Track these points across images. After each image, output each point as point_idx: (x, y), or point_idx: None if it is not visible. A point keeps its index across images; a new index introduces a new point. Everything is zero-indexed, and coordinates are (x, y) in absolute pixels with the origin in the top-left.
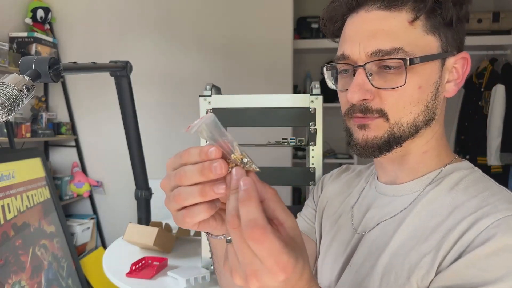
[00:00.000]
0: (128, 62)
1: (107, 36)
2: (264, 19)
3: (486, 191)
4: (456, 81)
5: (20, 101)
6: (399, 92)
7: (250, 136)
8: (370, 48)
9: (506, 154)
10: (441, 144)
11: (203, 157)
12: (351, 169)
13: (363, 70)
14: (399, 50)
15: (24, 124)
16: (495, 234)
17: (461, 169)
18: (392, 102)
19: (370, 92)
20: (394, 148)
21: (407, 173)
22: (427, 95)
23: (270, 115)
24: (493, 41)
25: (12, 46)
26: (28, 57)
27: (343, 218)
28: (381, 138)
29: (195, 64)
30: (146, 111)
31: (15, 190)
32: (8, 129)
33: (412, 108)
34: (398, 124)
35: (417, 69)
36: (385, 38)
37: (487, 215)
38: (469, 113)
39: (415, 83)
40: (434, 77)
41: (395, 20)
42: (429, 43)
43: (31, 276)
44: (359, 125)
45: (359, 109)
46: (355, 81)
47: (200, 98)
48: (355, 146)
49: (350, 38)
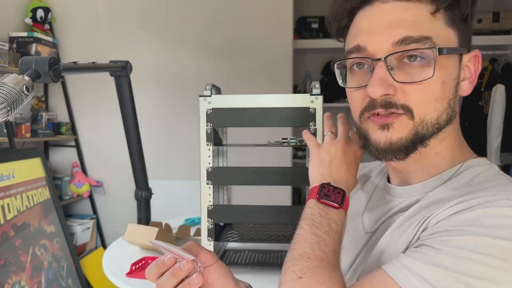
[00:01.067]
0: (128, 62)
1: (107, 36)
2: (264, 19)
3: (497, 186)
4: (470, 80)
5: (20, 101)
6: (424, 86)
7: (250, 136)
8: (397, 36)
9: (506, 154)
10: (456, 144)
11: (168, 266)
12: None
13: (383, 64)
14: (428, 40)
15: (24, 124)
16: (473, 206)
17: (474, 166)
18: (418, 97)
19: (393, 87)
20: (419, 148)
21: (419, 174)
22: (449, 92)
23: (270, 115)
24: (493, 41)
25: (12, 46)
26: (28, 57)
27: (353, 223)
28: (406, 139)
29: (196, 64)
30: (146, 111)
31: (15, 190)
32: (8, 129)
33: (436, 104)
34: (423, 122)
35: (442, 63)
36: (411, 26)
37: (475, 197)
38: (469, 113)
39: (440, 77)
40: (455, 73)
41: (418, 10)
42: (451, 37)
43: (31, 276)
44: (381, 125)
45: (381, 104)
46: (376, 75)
47: (200, 98)
48: (376, 150)
49: (366, 30)
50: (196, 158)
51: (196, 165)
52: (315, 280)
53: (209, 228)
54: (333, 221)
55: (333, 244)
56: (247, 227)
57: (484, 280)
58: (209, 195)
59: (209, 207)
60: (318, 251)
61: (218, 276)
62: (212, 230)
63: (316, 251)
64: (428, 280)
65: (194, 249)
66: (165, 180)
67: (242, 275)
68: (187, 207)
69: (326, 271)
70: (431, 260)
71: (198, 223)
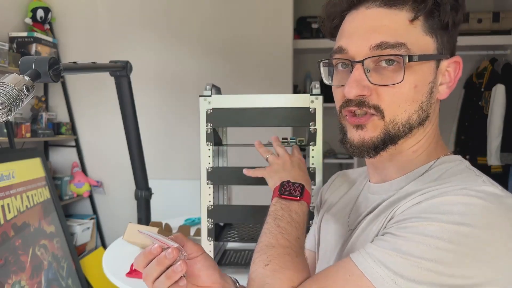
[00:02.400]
0: (128, 62)
1: (107, 36)
2: (264, 19)
3: (460, 179)
4: (449, 84)
5: (20, 101)
6: (396, 89)
7: (250, 136)
8: (374, 41)
9: (506, 154)
10: (432, 143)
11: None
12: (345, 175)
13: (361, 66)
14: (402, 46)
15: (24, 124)
16: (438, 193)
17: (445, 163)
18: (389, 99)
19: (367, 88)
20: (389, 146)
21: (395, 170)
22: (422, 95)
23: (270, 115)
24: (493, 41)
25: (12, 46)
26: (28, 57)
27: (341, 222)
28: (377, 138)
29: (195, 64)
30: (146, 111)
31: (15, 190)
32: (8, 129)
33: (407, 106)
34: (393, 122)
35: (415, 68)
36: (388, 32)
37: (437, 188)
38: (469, 113)
39: (412, 81)
40: (429, 77)
41: (397, 17)
42: (427, 44)
43: (31, 276)
44: (355, 125)
45: (355, 103)
46: (352, 77)
47: (200, 98)
48: (350, 147)
49: (349, 32)
50: (196, 158)
51: (196, 165)
52: (279, 266)
53: (209, 228)
54: (295, 212)
55: (295, 232)
56: (247, 227)
57: (434, 261)
58: (209, 195)
59: (209, 207)
60: (282, 240)
61: (204, 268)
62: (212, 230)
63: (280, 240)
64: (386, 264)
65: (180, 240)
66: (165, 180)
67: (242, 275)
68: (187, 207)
69: (289, 257)
70: (391, 246)
71: (198, 223)
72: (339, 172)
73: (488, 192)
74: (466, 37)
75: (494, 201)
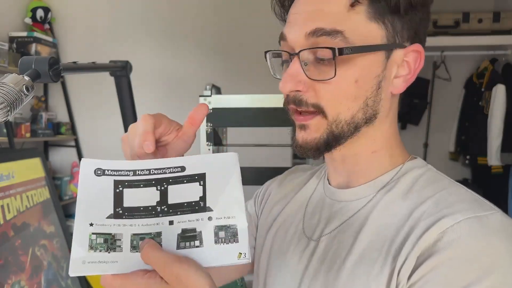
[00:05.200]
0: (128, 62)
1: (107, 36)
2: (264, 19)
3: (443, 190)
4: (407, 77)
5: (19, 101)
6: (333, 85)
7: (250, 136)
8: (309, 27)
9: (506, 154)
10: (393, 144)
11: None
12: (299, 170)
13: (297, 59)
14: (338, 34)
15: (24, 124)
16: (458, 238)
17: (414, 169)
18: (328, 96)
19: (303, 83)
20: (334, 147)
21: (359, 176)
22: (365, 91)
23: (270, 115)
24: (494, 41)
25: (11, 46)
26: (27, 57)
27: (293, 229)
28: (320, 139)
29: (195, 64)
30: (146, 111)
31: (14, 190)
32: (7, 129)
33: (349, 104)
34: (336, 121)
35: (354, 61)
36: (325, 18)
37: (445, 216)
38: (470, 113)
39: (351, 76)
40: (375, 71)
41: (337, 1)
42: (372, 32)
43: (31, 276)
44: (299, 124)
45: (292, 100)
46: (288, 70)
47: (200, 98)
48: (296, 147)
49: (290, 19)
50: None
51: None
52: None
53: None
54: None
55: None
56: None
57: None
58: None
59: None
60: None
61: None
62: None
63: None
64: None
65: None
66: None
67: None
68: None
69: None
70: None
71: None
72: (292, 168)
73: (502, 222)
74: (466, 37)
75: (511, 231)
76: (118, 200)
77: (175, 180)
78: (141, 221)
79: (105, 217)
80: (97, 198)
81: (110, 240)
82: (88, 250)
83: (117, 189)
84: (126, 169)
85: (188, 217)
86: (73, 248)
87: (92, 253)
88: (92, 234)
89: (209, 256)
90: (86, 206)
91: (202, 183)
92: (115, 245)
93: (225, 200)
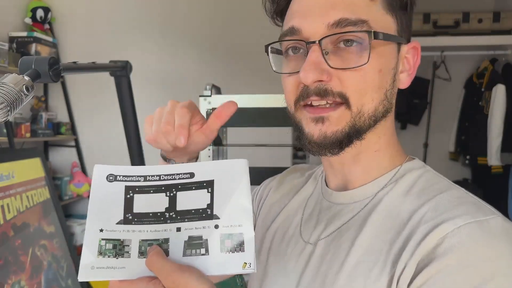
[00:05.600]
0: (128, 62)
1: (107, 36)
2: (264, 19)
3: (442, 193)
4: (409, 72)
5: (19, 101)
6: (361, 74)
7: (250, 136)
8: (332, 17)
9: (506, 154)
10: (393, 142)
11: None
12: (298, 170)
13: (318, 47)
14: (364, 23)
15: (24, 124)
16: (458, 244)
17: (413, 170)
18: (354, 85)
19: (327, 72)
20: (355, 141)
21: (358, 176)
22: (386, 82)
23: (270, 115)
24: (494, 41)
25: (11, 46)
26: (27, 57)
27: (291, 231)
28: (342, 132)
29: (195, 64)
30: (146, 111)
31: (14, 190)
32: (7, 129)
33: (374, 94)
34: (360, 113)
35: (378, 50)
36: (348, 8)
37: (445, 221)
38: (470, 113)
39: (377, 65)
40: (392, 62)
41: None
42: (389, 23)
43: (31, 276)
44: (315, 117)
45: (315, 92)
46: (309, 58)
47: (200, 98)
48: (309, 144)
49: (301, 11)
50: None
51: None
52: None
53: None
54: None
55: None
56: None
57: None
58: None
59: None
60: None
61: None
62: None
63: None
64: None
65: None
66: None
67: None
68: None
69: None
70: None
71: None
72: (291, 167)
73: (503, 227)
74: (466, 37)
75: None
76: (128, 205)
77: (184, 186)
78: (150, 227)
79: (115, 222)
80: (108, 203)
81: (119, 246)
82: (97, 255)
83: (127, 194)
84: (137, 175)
85: (195, 225)
86: (83, 254)
87: (101, 259)
88: (101, 240)
89: (214, 265)
90: (97, 212)
91: (210, 190)
92: (123, 251)
93: (232, 208)
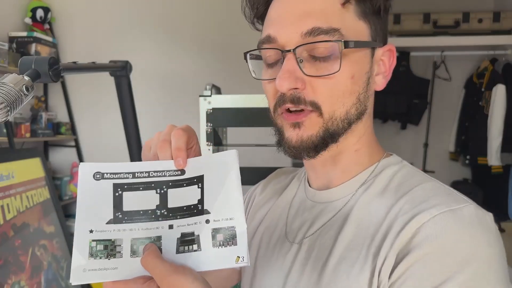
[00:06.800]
0: (128, 62)
1: (107, 36)
2: None
3: (417, 186)
4: (384, 74)
5: (19, 101)
6: (333, 81)
7: (250, 136)
8: (305, 27)
9: (506, 154)
10: (372, 141)
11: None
12: (282, 173)
13: (293, 56)
14: (336, 32)
15: (24, 124)
16: (434, 232)
17: (390, 166)
18: (326, 93)
19: (301, 80)
20: (330, 145)
21: (339, 175)
22: (359, 86)
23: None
24: (494, 41)
25: (11, 46)
26: (27, 57)
27: (277, 233)
28: (316, 136)
29: (195, 64)
30: (146, 111)
31: (14, 190)
32: (7, 129)
33: (345, 99)
34: (332, 118)
35: (350, 57)
36: (321, 17)
37: (420, 211)
38: (470, 113)
39: (348, 71)
40: (366, 67)
41: (328, 1)
42: (361, 30)
43: (31, 276)
44: (292, 123)
45: (290, 99)
46: (284, 67)
47: (200, 98)
48: (288, 147)
49: (278, 19)
50: None
51: None
52: None
53: None
54: None
55: None
56: None
57: None
58: None
59: None
60: None
61: None
62: None
63: None
64: None
65: None
66: None
67: None
68: None
69: None
70: None
71: None
72: (277, 171)
73: (475, 215)
74: (466, 37)
75: (484, 223)
76: (118, 204)
77: (175, 183)
78: (141, 225)
79: (105, 222)
80: (96, 203)
81: (110, 246)
82: (89, 257)
83: (116, 192)
84: (125, 172)
85: (187, 221)
86: (74, 256)
87: (93, 261)
88: (92, 241)
89: (207, 260)
90: (86, 212)
91: (201, 186)
92: (115, 251)
93: (223, 201)
